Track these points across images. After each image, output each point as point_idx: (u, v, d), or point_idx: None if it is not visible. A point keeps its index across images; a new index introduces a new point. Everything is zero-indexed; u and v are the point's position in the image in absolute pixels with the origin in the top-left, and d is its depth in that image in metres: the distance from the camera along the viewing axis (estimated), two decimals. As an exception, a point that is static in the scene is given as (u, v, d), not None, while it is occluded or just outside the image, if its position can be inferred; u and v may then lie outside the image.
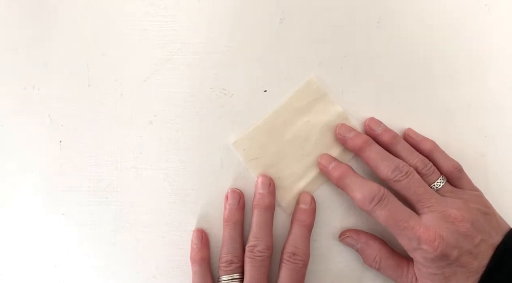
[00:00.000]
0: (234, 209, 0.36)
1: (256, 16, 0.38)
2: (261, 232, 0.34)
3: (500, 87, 0.38)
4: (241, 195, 0.36)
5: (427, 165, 0.34)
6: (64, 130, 0.38)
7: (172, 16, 0.38)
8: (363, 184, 0.33)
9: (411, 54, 0.38)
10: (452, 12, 0.39)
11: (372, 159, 0.34)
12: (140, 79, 0.38)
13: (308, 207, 0.36)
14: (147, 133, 0.37)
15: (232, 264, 0.34)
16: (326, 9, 0.38)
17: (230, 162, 0.37)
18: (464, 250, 0.31)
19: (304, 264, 0.34)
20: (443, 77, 0.38)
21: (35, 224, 0.37)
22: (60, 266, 0.37)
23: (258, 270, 0.33)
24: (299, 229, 0.35)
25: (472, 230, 0.31)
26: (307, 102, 0.37)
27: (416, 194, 0.33)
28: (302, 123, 0.37)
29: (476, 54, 0.39)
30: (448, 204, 0.32)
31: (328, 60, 0.38)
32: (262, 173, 0.37)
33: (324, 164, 0.36)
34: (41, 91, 0.38)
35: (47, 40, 0.38)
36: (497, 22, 0.39)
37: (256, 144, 0.37)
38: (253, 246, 0.34)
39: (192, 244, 0.36)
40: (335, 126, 0.37)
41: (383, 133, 0.36)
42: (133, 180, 0.37)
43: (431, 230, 0.31)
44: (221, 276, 0.34)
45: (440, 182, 0.34)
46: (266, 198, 0.35)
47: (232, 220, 0.36)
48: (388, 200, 0.32)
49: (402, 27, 0.38)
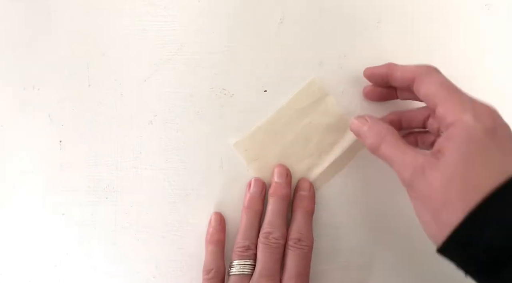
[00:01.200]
0: (257, 197, 0.36)
1: (256, 16, 0.38)
2: (277, 220, 0.35)
3: (500, 87, 0.38)
4: (264, 185, 0.37)
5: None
6: (64, 130, 0.38)
7: (172, 16, 0.38)
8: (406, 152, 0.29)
9: (411, 54, 0.38)
10: (452, 12, 0.39)
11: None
12: (140, 79, 0.38)
13: (308, 193, 0.36)
14: (147, 133, 0.38)
15: (249, 250, 0.34)
16: (326, 9, 0.38)
17: (230, 162, 0.37)
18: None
19: (310, 249, 0.34)
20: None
21: (35, 224, 0.37)
22: (60, 266, 0.37)
23: (272, 257, 0.33)
24: (302, 214, 0.35)
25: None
26: (309, 103, 0.37)
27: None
28: (304, 125, 0.37)
29: (476, 54, 0.39)
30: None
31: (328, 60, 0.38)
32: (280, 164, 0.37)
33: (359, 123, 0.33)
34: (41, 91, 0.38)
35: (47, 40, 0.38)
36: (497, 22, 0.39)
37: (258, 145, 0.37)
38: (268, 233, 0.34)
39: (209, 226, 0.36)
40: (336, 127, 0.37)
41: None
42: (133, 180, 0.37)
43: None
44: (234, 260, 0.34)
45: None
46: (283, 188, 0.36)
47: (253, 208, 0.36)
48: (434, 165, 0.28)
49: (402, 27, 0.38)
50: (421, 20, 0.39)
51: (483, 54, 0.39)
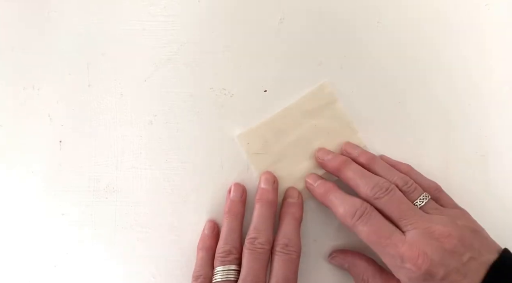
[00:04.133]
0: (237, 201, 0.36)
1: (256, 16, 0.38)
2: (262, 225, 0.34)
3: (500, 87, 0.38)
4: (244, 189, 0.36)
5: (408, 182, 0.33)
6: (64, 130, 0.38)
7: (172, 16, 0.38)
8: (346, 199, 0.33)
9: (411, 54, 0.38)
10: (452, 12, 0.39)
11: (351, 178, 0.33)
12: (140, 79, 0.38)
13: (296, 200, 0.36)
14: (147, 133, 0.38)
15: (230, 255, 0.34)
16: (326, 9, 0.38)
17: (230, 161, 0.37)
18: (451, 268, 0.29)
19: (297, 255, 0.33)
20: (443, 77, 0.38)
21: (35, 224, 0.37)
22: (60, 266, 0.37)
23: (258, 262, 0.33)
24: (290, 221, 0.35)
25: (459, 247, 0.29)
26: (317, 106, 0.37)
27: (398, 211, 0.31)
28: (309, 126, 0.37)
29: (476, 54, 0.39)
30: (433, 220, 0.30)
31: (328, 60, 0.38)
32: (267, 171, 0.37)
33: (310, 182, 0.36)
34: (41, 91, 0.38)
35: (47, 40, 0.38)
36: (497, 22, 0.39)
37: (261, 139, 0.37)
38: (254, 238, 0.33)
39: (203, 233, 0.36)
40: (341, 134, 0.37)
41: (360, 155, 0.35)
42: (133, 180, 0.37)
43: (415, 247, 0.29)
44: (217, 267, 0.34)
45: (424, 199, 0.32)
46: (270, 193, 0.35)
47: (233, 211, 0.35)
48: (370, 215, 0.31)
49: (402, 27, 0.38)
50: (421, 20, 0.39)
51: (483, 54, 0.39)
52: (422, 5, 0.39)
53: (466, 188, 0.37)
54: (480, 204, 0.37)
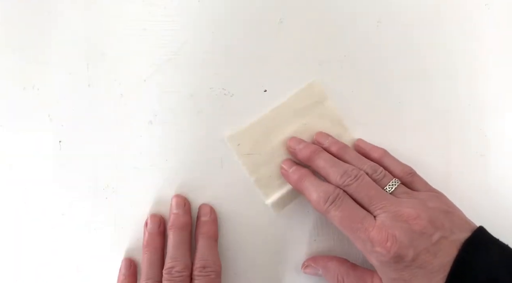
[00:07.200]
0: (155, 234, 0.35)
1: (256, 16, 0.38)
2: (178, 252, 0.34)
3: (500, 87, 0.38)
4: (161, 220, 0.36)
5: (377, 170, 0.33)
6: (64, 130, 0.38)
7: (172, 16, 0.38)
8: (320, 185, 0.33)
9: (411, 54, 0.38)
10: (452, 11, 0.39)
11: (322, 167, 0.34)
12: (140, 79, 0.38)
13: (209, 218, 0.36)
14: (147, 133, 0.38)
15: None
16: (326, 9, 0.38)
17: (230, 161, 0.37)
18: (420, 249, 0.29)
19: (217, 274, 0.33)
20: (443, 77, 0.38)
21: (35, 224, 0.37)
22: (60, 266, 0.37)
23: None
24: (204, 241, 0.35)
25: (429, 228, 0.29)
26: (307, 104, 0.37)
27: (367, 197, 0.31)
28: (299, 125, 0.37)
29: (476, 54, 0.39)
30: (402, 203, 0.31)
31: (328, 60, 0.38)
32: (177, 194, 0.37)
33: (285, 167, 0.36)
34: (41, 91, 0.38)
35: (47, 40, 0.38)
36: (497, 22, 0.39)
37: (251, 140, 0.37)
38: (171, 268, 0.33)
39: (119, 273, 0.36)
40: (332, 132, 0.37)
41: (331, 145, 0.36)
42: (133, 180, 0.37)
43: (383, 231, 0.29)
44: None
45: (393, 184, 0.33)
46: (181, 217, 0.35)
47: (152, 245, 0.35)
48: (342, 201, 0.31)
49: (402, 27, 0.38)
50: (421, 20, 0.39)
51: (483, 54, 0.39)
52: (422, 5, 0.39)
53: (466, 187, 0.37)
54: (480, 204, 0.37)
